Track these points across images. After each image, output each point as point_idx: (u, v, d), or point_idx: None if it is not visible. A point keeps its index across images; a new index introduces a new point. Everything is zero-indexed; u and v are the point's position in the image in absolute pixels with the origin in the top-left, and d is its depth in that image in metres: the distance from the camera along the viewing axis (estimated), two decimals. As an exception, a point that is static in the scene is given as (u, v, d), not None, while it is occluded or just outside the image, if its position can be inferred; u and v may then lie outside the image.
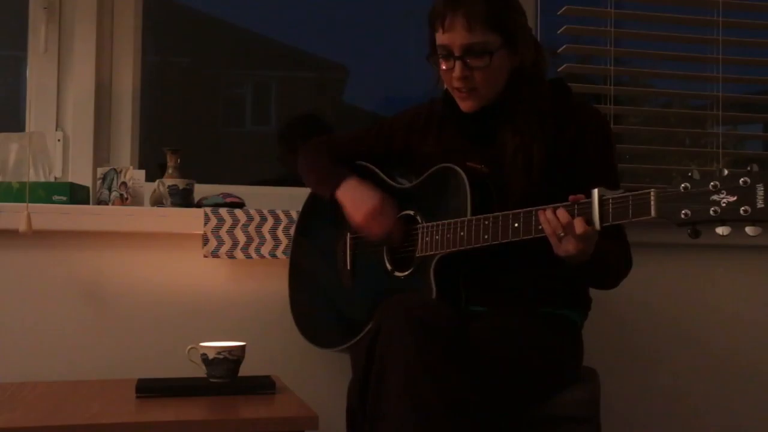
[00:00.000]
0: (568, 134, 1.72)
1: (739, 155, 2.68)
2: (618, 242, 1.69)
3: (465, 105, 1.75)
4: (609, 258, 1.62)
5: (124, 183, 2.08)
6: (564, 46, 2.49)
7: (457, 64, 1.68)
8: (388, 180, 1.91)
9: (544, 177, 1.68)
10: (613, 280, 1.72)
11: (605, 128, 1.78)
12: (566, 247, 1.48)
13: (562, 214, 1.47)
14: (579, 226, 1.45)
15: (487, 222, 1.59)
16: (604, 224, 1.43)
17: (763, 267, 2.45)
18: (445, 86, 1.79)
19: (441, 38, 1.69)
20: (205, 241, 2.06)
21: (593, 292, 1.83)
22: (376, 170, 1.93)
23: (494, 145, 1.74)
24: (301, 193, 2.09)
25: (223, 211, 2.08)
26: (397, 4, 2.78)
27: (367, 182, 1.84)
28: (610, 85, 2.48)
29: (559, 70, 2.48)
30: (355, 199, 1.80)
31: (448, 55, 1.69)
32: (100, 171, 2.14)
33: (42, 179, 2.06)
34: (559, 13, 2.48)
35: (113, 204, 2.08)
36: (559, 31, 2.48)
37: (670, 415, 2.37)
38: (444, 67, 1.71)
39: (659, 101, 2.87)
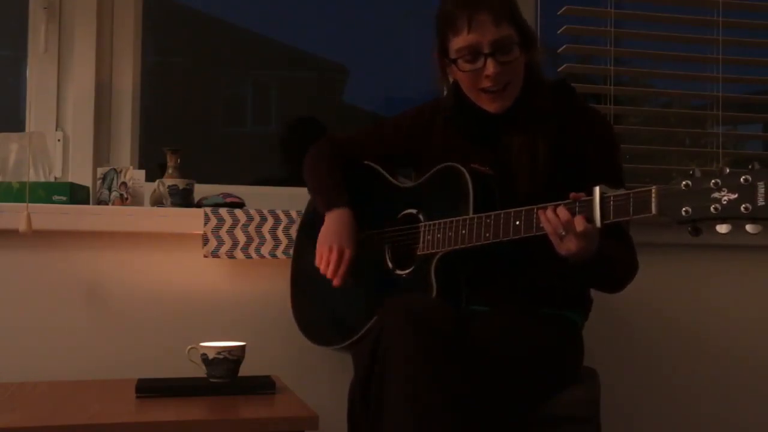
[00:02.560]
0: (574, 135, 1.72)
1: (739, 155, 2.67)
2: (623, 246, 1.69)
3: (495, 106, 1.73)
4: (613, 260, 1.62)
5: (124, 183, 2.08)
6: (564, 46, 2.49)
7: (489, 61, 1.67)
8: (391, 179, 1.91)
9: (550, 177, 1.69)
10: (618, 283, 1.72)
11: (610, 129, 1.80)
12: (568, 246, 1.47)
13: (562, 212, 1.47)
14: (579, 223, 1.45)
15: (488, 220, 1.59)
16: (605, 221, 1.43)
17: (763, 267, 2.45)
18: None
19: (464, 40, 1.67)
20: (205, 241, 2.06)
21: (594, 292, 1.83)
22: (380, 170, 1.93)
23: (498, 148, 1.74)
24: (302, 193, 2.09)
25: (223, 211, 2.08)
26: (397, 4, 2.78)
27: (353, 225, 1.83)
28: (610, 85, 2.48)
29: (559, 70, 2.49)
30: (331, 232, 1.81)
31: (477, 54, 1.68)
32: (100, 171, 2.14)
33: (42, 179, 2.06)
34: (559, 13, 2.48)
35: (113, 204, 2.08)
36: (559, 31, 2.48)
37: (669, 414, 2.37)
38: (469, 69, 1.70)
39: (659, 101, 2.87)
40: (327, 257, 1.80)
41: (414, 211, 1.80)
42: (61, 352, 2.04)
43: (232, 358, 1.75)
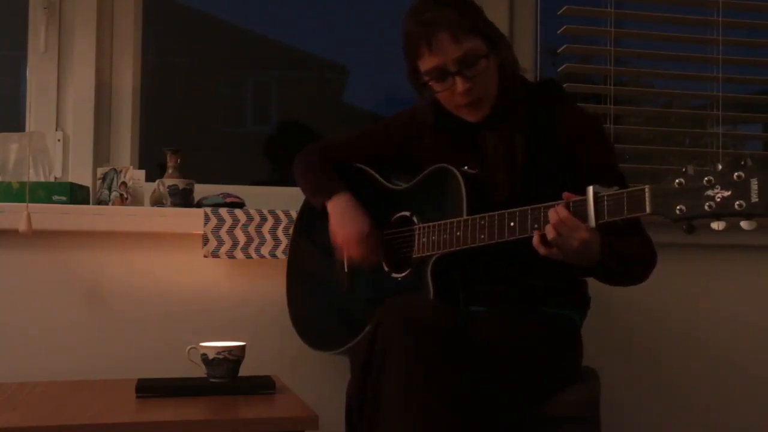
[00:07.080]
0: (562, 134, 1.71)
1: (739, 155, 2.67)
2: (635, 238, 1.67)
3: (474, 116, 1.73)
4: (625, 255, 1.59)
5: (124, 183, 2.08)
6: (564, 46, 2.49)
7: (458, 79, 1.66)
8: (384, 182, 1.91)
9: (533, 174, 1.68)
10: (637, 277, 1.70)
11: (601, 128, 1.78)
12: (568, 243, 1.46)
13: (561, 210, 1.46)
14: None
15: (482, 222, 1.59)
16: (600, 221, 1.42)
17: (762, 267, 2.45)
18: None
19: (429, 62, 1.67)
20: (205, 241, 2.06)
21: (593, 292, 1.83)
22: (371, 172, 1.93)
23: (478, 148, 1.74)
24: (301, 194, 2.09)
25: (223, 211, 2.08)
26: (397, 4, 2.78)
27: (359, 204, 1.83)
28: (610, 85, 2.48)
29: (559, 70, 2.49)
30: (343, 219, 1.81)
31: (444, 73, 1.67)
32: (100, 171, 2.14)
33: (42, 179, 2.06)
34: (559, 13, 2.48)
35: (113, 204, 2.08)
36: (559, 31, 2.49)
37: (669, 414, 2.37)
38: (441, 89, 1.70)
39: (659, 101, 2.87)
40: (349, 248, 1.78)
41: (407, 213, 1.80)
42: (61, 352, 2.04)
43: (232, 358, 1.75)
